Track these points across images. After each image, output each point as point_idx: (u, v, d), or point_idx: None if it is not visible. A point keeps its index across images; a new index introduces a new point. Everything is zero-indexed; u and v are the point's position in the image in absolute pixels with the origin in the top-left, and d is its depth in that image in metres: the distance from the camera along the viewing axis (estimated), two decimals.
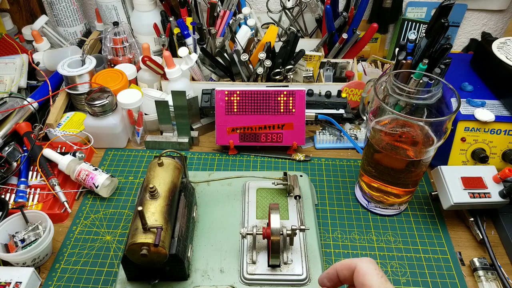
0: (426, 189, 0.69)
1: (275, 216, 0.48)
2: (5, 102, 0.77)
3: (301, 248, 0.52)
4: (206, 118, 0.80)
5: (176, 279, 0.49)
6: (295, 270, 0.49)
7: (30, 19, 1.00)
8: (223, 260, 0.52)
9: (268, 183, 0.61)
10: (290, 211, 0.57)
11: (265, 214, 0.57)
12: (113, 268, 0.57)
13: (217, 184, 0.62)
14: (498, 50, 0.71)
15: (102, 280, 0.56)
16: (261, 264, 0.50)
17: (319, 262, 0.52)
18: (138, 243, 0.42)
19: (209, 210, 0.58)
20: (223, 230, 0.55)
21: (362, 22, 0.91)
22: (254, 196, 0.59)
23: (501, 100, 0.69)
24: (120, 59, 0.88)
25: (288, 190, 0.60)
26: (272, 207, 0.49)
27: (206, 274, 0.50)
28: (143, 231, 0.42)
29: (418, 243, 0.61)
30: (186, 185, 0.55)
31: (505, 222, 0.61)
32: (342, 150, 0.77)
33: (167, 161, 0.52)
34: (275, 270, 0.50)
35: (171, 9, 0.90)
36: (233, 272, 0.51)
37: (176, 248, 0.46)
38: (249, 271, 0.49)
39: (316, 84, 0.81)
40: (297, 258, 0.51)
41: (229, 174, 0.63)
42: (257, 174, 0.63)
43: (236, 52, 0.77)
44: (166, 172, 0.50)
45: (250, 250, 0.51)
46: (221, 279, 0.50)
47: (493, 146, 0.66)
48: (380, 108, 0.54)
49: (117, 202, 0.67)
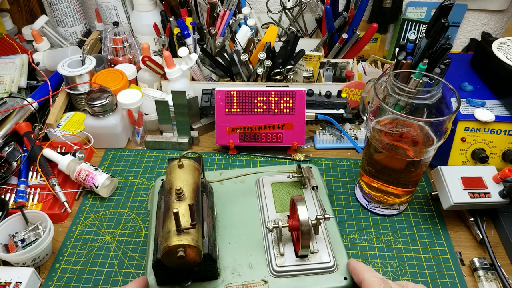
0: (426, 189, 0.69)
1: (302, 207, 0.48)
2: (5, 102, 0.77)
3: (325, 236, 0.53)
4: (206, 118, 0.80)
5: (207, 278, 0.50)
6: (323, 258, 0.51)
7: (30, 19, 1.00)
8: (250, 255, 0.52)
9: (281, 177, 0.61)
10: (308, 202, 0.58)
11: (283, 207, 0.57)
12: (113, 268, 0.57)
13: (229, 182, 0.62)
14: (498, 50, 0.71)
15: (102, 280, 0.56)
16: (289, 255, 0.51)
17: (343, 249, 0.53)
18: (174, 245, 0.42)
19: (226, 208, 0.59)
20: (245, 227, 0.56)
21: (362, 22, 0.91)
22: (270, 190, 0.60)
23: (501, 100, 0.69)
24: (120, 59, 0.88)
25: (303, 182, 0.60)
26: (296, 199, 0.50)
27: (235, 271, 0.51)
28: (177, 233, 0.42)
29: (418, 243, 0.61)
30: (205, 185, 0.56)
31: (505, 222, 0.61)
32: (342, 150, 0.77)
33: (186, 162, 0.52)
34: (304, 260, 0.50)
35: (171, 9, 0.90)
36: (262, 266, 0.51)
37: (208, 247, 0.46)
38: (279, 264, 0.50)
39: (316, 84, 0.81)
40: (323, 246, 0.52)
41: (242, 171, 0.63)
42: (271, 169, 0.63)
43: (236, 52, 0.77)
44: (188, 174, 0.50)
45: (276, 243, 0.52)
46: (251, 274, 0.50)
47: (493, 146, 0.66)
48: (380, 108, 0.54)
49: (117, 202, 0.67)
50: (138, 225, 0.63)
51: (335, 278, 0.50)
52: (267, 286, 0.49)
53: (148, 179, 0.71)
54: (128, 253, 0.59)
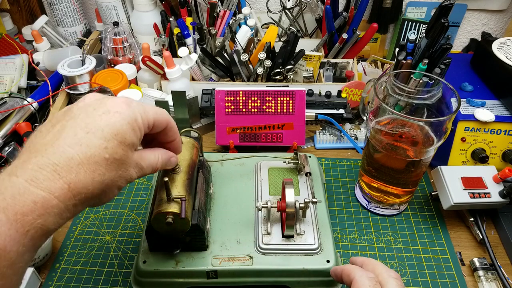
0: (426, 189, 0.69)
1: (289, 190, 0.50)
2: (5, 102, 0.77)
3: (313, 220, 0.55)
4: (206, 118, 0.80)
5: (196, 249, 0.52)
6: (308, 240, 0.52)
7: (30, 19, 1.00)
8: (239, 232, 0.55)
9: (279, 163, 0.63)
10: (301, 188, 0.59)
11: (277, 190, 0.60)
12: (113, 268, 0.57)
13: (230, 165, 0.65)
14: (498, 50, 0.71)
15: (102, 280, 0.56)
16: (276, 235, 0.53)
17: (329, 234, 0.55)
18: (164, 212, 0.44)
19: (223, 188, 0.61)
20: (238, 206, 0.58)
21: (362, 22, 0.91)
22: (266, 174, 0.62)
23: (501, 100, 0.69)
24: (120, 59, 0.88)
25: (299, 169, 0.62)
26: (286, 182, 0.52)
27: (223, 245, 0.53)
28: (168, 201, 0.45)
29: (418, 243, 0.61)
30: (203, 163, 0.59)
31: (505, 222, 0.61)
32: (342, 150, 0.77)
33: (185, 139, 0.55)
34: (289, 240, 0.53)
35: (171, 9, 0.90)
36: (249, 243, 0.53)
37: (197, 218, 0.49)
38: (265, 242, 0.52)
39: (316, 84, 0.81)
40: (309, 229, 0.54)
41: (241, 154, 0.66)
42: (269, 155, 0.66)
43: (236, 52, 0.77)
44: (186, 150, 0.53)
45: (264, 222, 0.54)
46: (238, 249, 0.53)
47: (493, 146, 0.66)
48: (380, 108, 0.54)
49: (117, 202, 0.67)
50: (138, 225, 0.63)
51: (318, 260, 0.51)
52: (252, 261, 0.51)
53: (148, 179, 0.71)
54: (128, 253, 0.59)
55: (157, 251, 0.52)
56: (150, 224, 0.47)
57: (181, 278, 0.51)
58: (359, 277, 0.40)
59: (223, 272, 0.51)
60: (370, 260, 0.44)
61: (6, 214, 0.30)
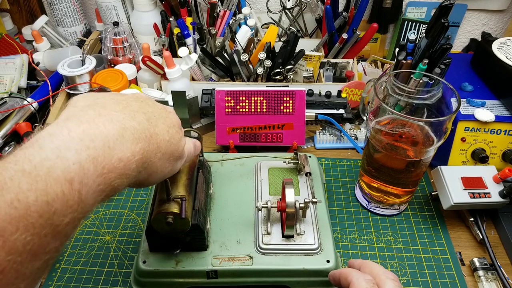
0: (426, 189, 0.69)
1: (289, 190, 0.50)
2: (5, 102, 0.77)
3: (313, 220, 0.55)
4: (206, 118, 0.80)
5: (196, 249, 0.52)
6: (308, 240, 0.52)
7: (30, 19, 1.00)
8: (239, 232, 0.55)
9: (279, 163, 0.64)
10: (301, 188, 0.59)
11: (277, 190, 0.60)
12: (113, 268, 0.57)
13: (230, 165, 0.65)
14: (498, 50, 0.71)
15: (102, 280, 0.56)
16: (276, 235, 0.53)
17: (329, 234, 0.55)
18: (164, 212, 0.44)
19: (224, 188, 0.61)
20: (238, 206, 0.59)
21: (362, 22, 0.91)
22: (266, 174, 0.62)
23: (501, 100, 0.69)
24: (120, 59, 0.88)
25: (299, 169, 0.62)
26: (286, 182, 0.52)
27: (223, 245, 0.53)
28: (168, 201, 0.45)
29: (418, 243, 0.61)
30: (203, 163, 0.59)
31: (505, 222, 0.61)
32: (342, 150, 0.77)
33: None
34: (289, 240, 0.53)
35: (171, 9, 0.90)
36: (249, 243, 0.54)
37: (197, 218, 0.49)
38: (265, 242, 0.53)
39: (316, 84, 0.81)
40: (309, 229, 0.54)
41: (241, 154, 0.67)
42: (269, 155, 0.66)
43: (236, 52, 0.77)
44: None
45: (264, 222, 0.54)
46: (238, 249, 0.53)
47: (493, 146, 0.66)
48: (380, 108, 0.54)
49: (117, 202, 0.67)
50: (138, 225, 0.63)
51: (318, 260, 0.51)
52: (252, 261, 0.52)
53: None
54: (128, 253, 0.59)
55: (157, 251, 0.52)
56: (150, 224, 0.47)
57: (181, 278, 0.51)
58: (357, 280, 0.40)
59: (223, 272, 0.51)
60: (368, 262, 0.44)
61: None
